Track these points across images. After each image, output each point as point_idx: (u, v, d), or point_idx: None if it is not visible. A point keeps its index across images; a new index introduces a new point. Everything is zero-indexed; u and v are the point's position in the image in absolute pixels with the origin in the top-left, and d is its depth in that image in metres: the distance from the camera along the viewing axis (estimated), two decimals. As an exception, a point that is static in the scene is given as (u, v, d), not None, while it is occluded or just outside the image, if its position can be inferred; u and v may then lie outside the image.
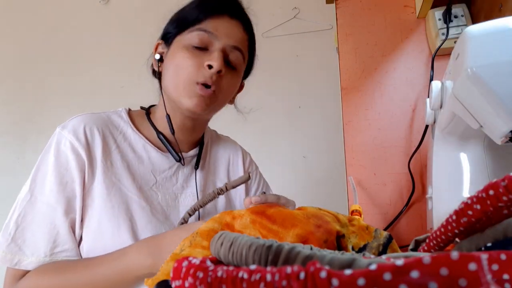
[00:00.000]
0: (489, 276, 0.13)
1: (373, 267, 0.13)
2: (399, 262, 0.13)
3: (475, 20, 0.89)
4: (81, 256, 0.60)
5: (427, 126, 0.87)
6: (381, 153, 0.95)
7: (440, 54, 0.90)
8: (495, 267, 0.15)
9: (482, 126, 0.46)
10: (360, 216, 0.81)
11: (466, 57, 0.44)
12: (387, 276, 0.13)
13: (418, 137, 0.89)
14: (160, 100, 0.69)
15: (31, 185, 0.58)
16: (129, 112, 0.71)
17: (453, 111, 0.55)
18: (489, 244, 0.23)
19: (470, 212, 0.24)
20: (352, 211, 0.82)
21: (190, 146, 0.73)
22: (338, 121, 1.16)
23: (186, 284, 0.18)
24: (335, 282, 0.13)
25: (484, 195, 0.22)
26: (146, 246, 0.54)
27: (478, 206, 0.23)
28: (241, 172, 0.81)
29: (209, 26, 0.61)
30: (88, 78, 1.85)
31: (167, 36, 0.66)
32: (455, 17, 0.90)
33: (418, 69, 0.97)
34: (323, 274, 0.14)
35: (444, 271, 0.12)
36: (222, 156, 0.80)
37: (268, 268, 0.16)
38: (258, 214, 0.44)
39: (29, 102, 1.89)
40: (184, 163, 0.70)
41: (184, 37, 0.62)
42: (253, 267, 0.16)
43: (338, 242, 0.43)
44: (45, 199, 0.57)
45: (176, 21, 0.65)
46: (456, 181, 0.64)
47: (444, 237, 0.27)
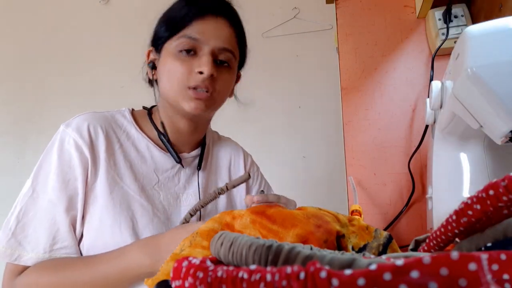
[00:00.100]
0: (489, 276, 0.13)
1: (373, 267, 0.13)
2: (399, 262, 0.13)
3: (475, 20, 0.89)
4: (81, 254, 0.60)
5: (427, 126, 0.87)
6: (381, 153, 0.95)
7: (440, 54, 0.90)
8: (495, 267, 0.15)
9: (482, 126, 0.46)
10: (360, 216, 0.81)
11: (466, 57, 0.44)
12: (387, 276, 0.13)
13: (418, 137, 0.89)
14: (159, 104, 0.70)
15: (33, 181, 0.58)
16: (132, 112, 0.71)
17: (453, 111, 0.55)
18: (489, 244, 0.23)
19: (470, 212, 0.24)
20: (352, 211, 0.82)
21: (192, 146, 0.73)
22: (338, 121, 1.16)
23: (186, 284, 0.18)
24: (335, 282, 0.13)
25: (484, 195, 0.22)
26: (145, 245, 0.54)
27: (478, 206, 0.23)
28: (242, 173, 0.81)
29: (195, 31, 0.60)
30: (88, 78, 1.85)
31: (157, 43, 0.65)
32: (455, 17, 0.90)
33: (418, 69, 0.97)
34: (323, 274, 0.14)
35: (444, 271, 0.12)
36: (223, 157, 0.80)
37: (268, 268, 0.16)
38: (258, 214, 0.44)
39: (29, 102, 1.89)
40: (183, 166, 0.70)
41: (172, 44, 0.62)
42: (253, 267, 0.16)
43: (338, 242, 0.43)
44: (47, 196, 0.57)
45: (163, 27, 0.64)
46: (456, 181, 0.64)
47: (444, 237, 0.27)
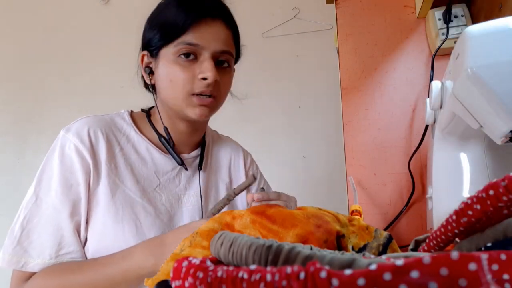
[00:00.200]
0: (489, 276, 0.13)
1: (373, 267, 0.13)
2: (399, 262, 0.13)
3: (475, 20, 0.89)
4: (86, 258, 0.60)
5: (427, 126, 0.87)
6: (381, 153, 0.95)
7: (440, 54, 0.90)
8: (495, 267, 0.15)
9: (482, 126, 0.46)
10: (360, 216, 0.81)
11: (466, 57, 0.44)
12: (387, 276, 0.13)
13: (418, 137, 0.89)
14: (158, 107, 0.69)
15: (36, 188, 0.58)
16: (132, 114, 0.71)
17: (453, 111, 0.55)
18: (489, 244, 0.23)
19: (470, 212, 0.24)
20: (352, 211, 0.82)
21: (191, 147, 0.73)
22: (338, 121, 1.16)
23: (186, 284, 0.18)
24: (335, 282, 0.13)
25: (484, 195, 0.22)
26: (149, 245, 0.55)
27: (478, 206, 0.23)
28: (243, 173, 0.81)
29: (194, 37, 0.59)
30: (88, 78, 1.85)
31: (151, 48, 0.63)
32: (455, 17, 0.90)
33: (418, 69, 0.97)
34: (323, 274, 0.14)
35: (444, 271, 0.12)
36: (223, 157, 0.80)
37: (268, 268, 0.16)
38: (258, 214, 0.44)
39: (29, 102, 1.89)
40: (186, 168, 0.70)
41: (171, 50, 0.60)
42: (253, 267, 0.16)
43: (338, 242, 0.43)
44: (50, 201, 0.57)
45: (158, 33, 0.62)
46: (456, 181, 0.64)
47: (444, 237, 0.27)
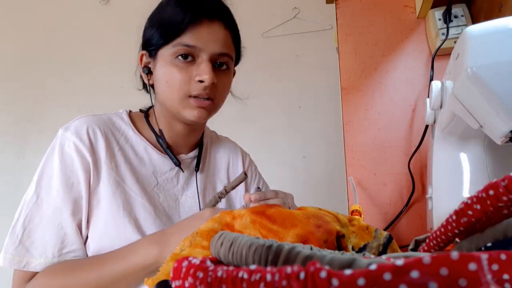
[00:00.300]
0: (489, 276, 0.13)
1: (373, 267, 0.13)
2: (399, 262, 0.13)
3: (475, 20, 0.89)
4: (87, 256, 0.60)
5: (427, 126, 0.87)
6: (381, 153, 0.95)
7: (440, 54, 0.90)
8: (495, 267, 0.15)
9: (482, 126, 0.46)
10: (360, 216, 0.81)
11: (466, 57, 0.44)
12: (387, 276, 0.13)
13: (418, 137, 0.89)
14: (156, 108, 0.69)
15: (36, 187, 0.58)
16: (130, 114, 0.71)
17: (453, 111, 0.55)
18: (489, 244, 0.23)
19: (470, 212, 0.24)
20: (352, 211, 0.82)
21: (189, 148, 0.73)
22: (338, 121, 1.16)
23: (186, 284, 0.18)
24: (335, 282, 0.13)
25: (484, 195, 0.22)
26: (152, 238, 0.55)
27: (478, 206, 0.23)
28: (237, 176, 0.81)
29: (191, 39, 0.59)
30: (88, 78, 1.85)
31: (150, 48, 0.63)
32: (455, 17, 0.90)
33: (418, 69, 0.97)
34: (323, 274, 0.14)
35: (444, 271, 0.12)
36: (221, 157, 0.80)
37: (268, 268, 0.16)
38: (258, 214, 0.44)
39: (29, 102, 1.89)
40: (183, 170, 0.70)
41: (168, 51, 0.60)
42: (253, 267, 0.16)
43: (338, 242, 0.43)
44: (52, 200, 0.57)
45: (157, 33, 0.61)
46: (456, 181, 0.64)
47: (444, 237, 0.27)
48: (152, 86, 0.67)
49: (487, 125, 0.45)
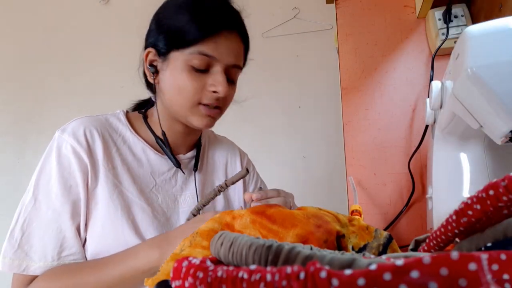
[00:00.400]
0: (489, 276, 0.13)
1: (373, 267, 0.13)
2: (399, 262, 0.13)
3: (475, 20, 0.89)
4: (86, 259, 0.59)
5: (427, 126, 0.87)
6: (381, 153, 0.95)
7: (440, 54, 0.90)
8: (495, 267, 0.15)
9: (482, 126, 0.46)
10: (360, 216, 0.81)
11: (466, 57, 0.44)
12: (387, 276, 0.13)
13: (418, 137, 0.89)
14: (159, 108, 0.68)
15: (34, 190, 0.57)
16: (127, 114, 0.70)
17: (453, 111, 0.55)
18: (489, 244, 0.23)
19: (470, 212, 0.24)
20: (352, 211, 0.82)
21: (187, 148, 0.73)
22: (338, 121, 1.17)
23: (186, 284, 0.18)
24: (335, 282, 0.13)
25: (484, 195, 0.22)
26: (153, 241, 0.55)
27: (478, 206, 0.23)
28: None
29: (210, 48, 0.58)
30: (88, 78, 1.85)
31: (159, 47, 0.61)
32: (455, 17, 0.90)
33: (418, 69, 0.97)
34: (323, 274, 0.14)
35: (444, 271, 0.12)
36: (220, 157, 0.80)
37: (268, 268, 0.16)
38: (258, 214, 0.44)
39: (29, 102, 1.89)
40: (184, 172, 0.70)
41: (183, 56, 0.59)
42: (253, 267, 0.16)
43: (338, 242, 0.43)
44: (50, 203, 0.57)
45: (170, 34, 0.60)
46: (456, 181, 0.64)
47: (444, 237, 0.27)
48: (155, 85, 0.66)
49: (487, 125, 0.45)
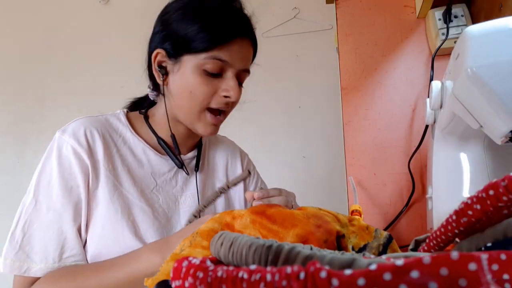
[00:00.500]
0: (489, 276, 0.13)
1: (373, 267, 0.13)
2: (399, 262, 0.13)
3: (475, 20, 0.89)
4: (86, 260, 0.59)
5: (427, 126, 0.87)
6: (381, 153, 0.95)
7: (440, 54, 0.90)
8: (495, 267, 0.15)
9: (482, 126, 0.46)
10: (360, 216, 0.81)
11: (466, 57, 0.44)
12: (387, 276, 0.13)
13: (418, 137, 0.89)
14: (160, 108, 0.68)
15: (35, 192, 0.57)
16: (127, 114, 0.70)
17: (453, 111, 0.55)
18: (489, 244, 0.23)
19: (470, 212, 0.24)
20: (352, 211, 0.82)
21: (188, 148, 0.73)
22: (338, 121, 1.16)
23: (186, 284, 0.18)
24: (335, 282, 0.13)
25: (484, 195, 0.22)
26: (155, 246, 0.55)
27: (478, 206, 0.23)
28: (240, 173, 0.81)
29: (224, 54, 0.58)
30: (88, 78, 1.85)
31: (170, 49, 0.60)
32: (455, 17, 0.90)
33: (418, 69, 0.97)
34: (323, 274, 0.14)
35: (444, 271, 0.12)
36: (220, 157, 0.80)
37: (268, 268, 0.16)
38: (258, 214, 0.44)
39: (29, 102, 1.89)
40: (188, 172, 0.70)
41: (196, 60, 0.58)
42: (253, 267, 0.16)
43: (338, 242, 0.43)
44: (51, 205, 0.57)
45: (184, 38, 0.59)
46: (456, 181, 0.64)
47: (444, 237, 0.27)
48: (163, 87, 0.65)
49: (487, 125, 0.45)
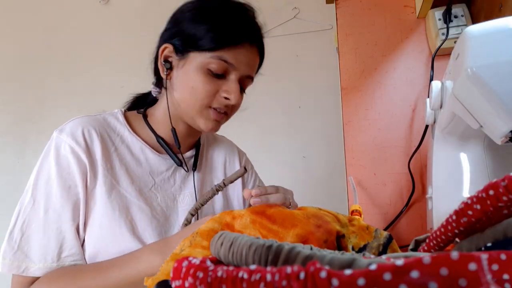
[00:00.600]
0: (489, 276, 0.13)
1: (373, 267, 0.13)
2: (399, 262, 0.13)
3: (475, 20, 0.89)
4: (85, 259, 0.59)
5: (427, 126, 0.87)
6: (381, 153, 0.95)
7: (440, 54, 0.90)
8: (495, 267, 0.15)
9: (482, 126, 0.46)
10: (360, 216, 0.81)
11: (466, 57, 0.44)
12: (387, 276, 0.13)
13: (418, 137, 0.89)
14: (160, 105, 0.68)
15: (33, 191, 0.57)
16: (125, 113, 0.70)
17: (453, 111, 0.55)
18: (489, 244, 0.23)
19: (470, 212, 0.24)
20: (352, 211, 0.82)
21: (187, 147, 0.73)
22: (338, 121, 1.16)
23: (186, 284, 0.18)
24: (335, 282, 0.13)
25: (484, 195, 0.22)
26: (155, 246, 0.55)
27: (478, 206, 0.23)
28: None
29: (230, 56, 0.59)
30: (88, 78, 1.84)
31: (178, 45, 0.61)
32: (455, 17, 0.90)
33: (418, 69, 0.97)
34: (323, 274, 0.14)
35: (444, 271, 0.12)
36: (218, 156, 0.80)
37: (268, 268, 0.16)
38: (258, 214, 0.44)
39: (29, 102, 1.89)
40: (187, 169, 0.70)
41: (202, 59, 0.59)
42: (253, 267, 0.16)
43: (338, 242, 0.43)
44: (50, 204, 0.57)
45: (193, 36, 0.59)
46: (456, 181, 0.64)
47: (444, 237, 0.27)
48: (166, 82, 0.65)
49: (487, 125, 0.45)
